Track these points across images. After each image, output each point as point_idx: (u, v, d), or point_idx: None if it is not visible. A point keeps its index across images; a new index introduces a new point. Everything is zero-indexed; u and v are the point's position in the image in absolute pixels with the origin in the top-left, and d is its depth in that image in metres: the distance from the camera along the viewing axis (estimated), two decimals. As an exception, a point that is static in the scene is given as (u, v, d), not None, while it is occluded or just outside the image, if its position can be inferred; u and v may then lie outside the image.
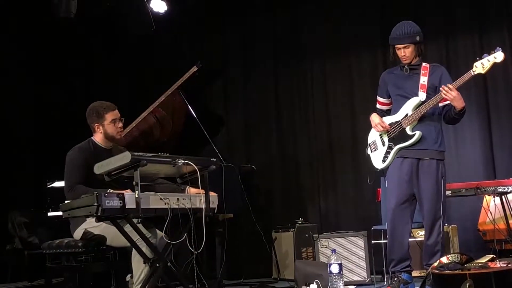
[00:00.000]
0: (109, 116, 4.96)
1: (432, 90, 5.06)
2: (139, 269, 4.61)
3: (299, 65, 7.73)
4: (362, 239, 6.03)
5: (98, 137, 5.02)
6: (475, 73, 4.85)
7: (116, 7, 7.33)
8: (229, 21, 8.06)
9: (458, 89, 4.87)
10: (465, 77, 4.87)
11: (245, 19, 7.97)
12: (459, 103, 4.88)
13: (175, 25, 7.76)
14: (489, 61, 4.80)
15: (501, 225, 5.92)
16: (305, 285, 5.55)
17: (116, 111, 5.01)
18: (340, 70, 7.54)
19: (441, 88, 4.89)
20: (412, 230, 5.49)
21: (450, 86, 4.84)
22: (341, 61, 7.54)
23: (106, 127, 4.98)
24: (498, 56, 4.79)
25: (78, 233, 4.82)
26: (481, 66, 4.82)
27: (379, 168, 5.30)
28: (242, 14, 7.96)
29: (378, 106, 5.44)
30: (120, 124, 5.02)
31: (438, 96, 4.96)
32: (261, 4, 7.88)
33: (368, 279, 5.92)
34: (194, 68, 6.14)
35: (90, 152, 4.89)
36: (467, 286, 3.68)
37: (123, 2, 7.30)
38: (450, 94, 4.83)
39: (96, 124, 4.99)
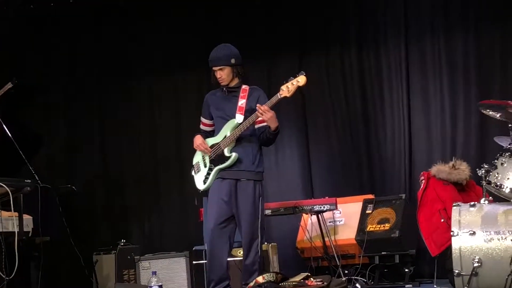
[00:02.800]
0: None
1: (250, 112, 5.14)
2: None
3: (125, 83, 7.74)
4: (184, 259, 6.12)
5: None
6: (281, 96, 5.01)
7: None
8: (54, 35, 7.86)
9: (276, 110, 5.05)
10: (273, 100, 5.03)
11: (69, 35, 7.84)
12: (273, 123, 5.03)
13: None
14: (293, 84, 4.98)
15: (318, 243, 6.20)
16: (125, 309, 5.61)
17: None
18: (167, 89, 7.64)
19: (257, 108, 5.00)
20: (233, 249, 5.57)
21: (265, 107, 4.98)
22: (168, 80, 7.64)
23: None
24: (301, 79, 4.95)
25: None
26: (286, 89, 4.98)
27: (201, 189, 5.36)
28: (65, 30, 7.83)
29: (201, 127, 5.49)
30: None
31: (252, 117, 5.07)
32: (86, 21, 7.80)
33: (190, 300, 6.01)
34: (9, 85, 5.91)
35: None
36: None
37: None
38: (266, 115, 4.97)
39: None
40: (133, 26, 7.71)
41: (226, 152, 5.21)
